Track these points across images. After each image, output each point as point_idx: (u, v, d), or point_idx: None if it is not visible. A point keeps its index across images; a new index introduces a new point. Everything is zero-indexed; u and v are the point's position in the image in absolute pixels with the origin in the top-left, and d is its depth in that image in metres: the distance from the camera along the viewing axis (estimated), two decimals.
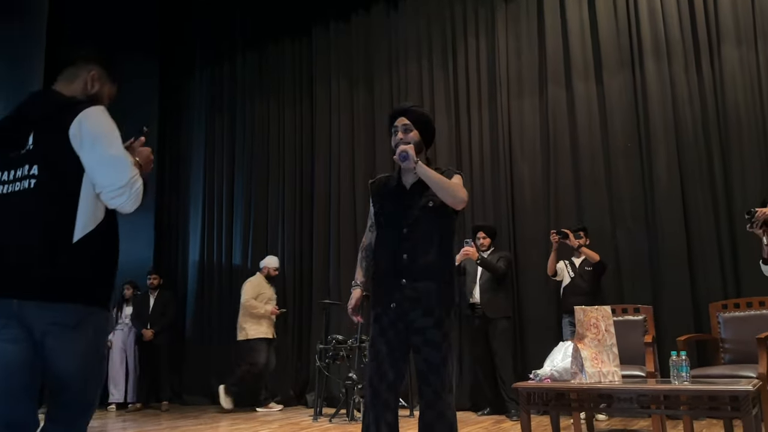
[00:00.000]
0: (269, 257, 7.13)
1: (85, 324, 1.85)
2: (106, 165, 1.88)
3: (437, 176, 2.52)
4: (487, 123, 6.47)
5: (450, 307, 2.59)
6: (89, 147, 1.88)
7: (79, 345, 1.85)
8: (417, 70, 6.95)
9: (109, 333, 2.13)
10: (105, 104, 2.08)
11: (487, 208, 6.34)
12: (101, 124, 1.93)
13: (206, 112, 8.59)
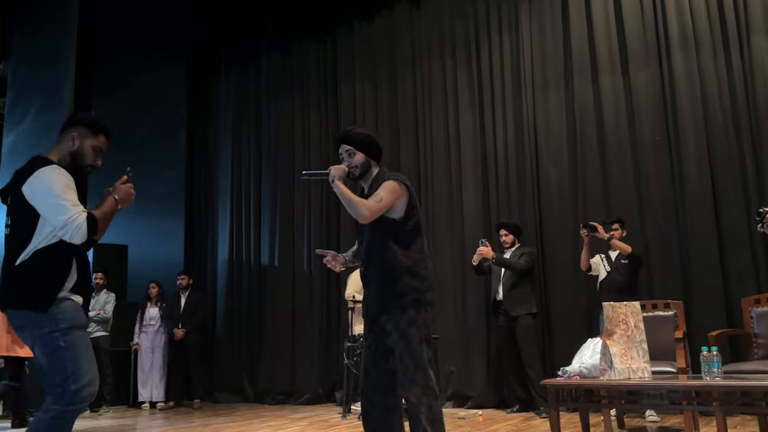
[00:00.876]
0: None
1: (30, 325, 2.47)
2: (48, 210, 2.49)
3: (345, 195, 2.77)
4: (512, 119, 6.43)
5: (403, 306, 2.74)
6: (37, 198, 2.51)
7: (31, 341, 2.50)
8: (440, 68, 6.94)
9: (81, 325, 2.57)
10: (89, 157, 2.74)
11: (513, 204, 6.31)
12: (46, 179, 2.52)
13: (233, 112, 8.69)
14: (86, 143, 2.75)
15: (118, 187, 2.71)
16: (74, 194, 2.53)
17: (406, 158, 7.06)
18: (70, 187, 2.54)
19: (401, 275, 2.78)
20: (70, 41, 7.33)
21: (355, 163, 2.93)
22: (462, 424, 5.04)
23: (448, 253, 6.51)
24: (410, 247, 2.83)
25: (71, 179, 2.59)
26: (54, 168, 2.56)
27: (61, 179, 2.54)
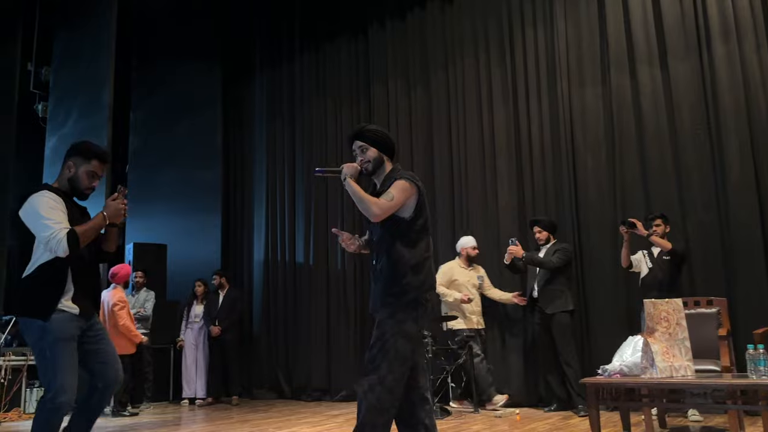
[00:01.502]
0: (464, 237, 6.36)
1: (27, 331, 2.92)
2: (35, 229, 2.90)
3: (357, 193, 2.82)
4: (548, 114, 6.34)
5: (393, 304, 2.78)
6: (27, 220, 2.93)
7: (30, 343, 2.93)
8: (474, 65, 6.89)
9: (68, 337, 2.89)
10: (84, 181, 3.09)
11: (549, 200, 6.23)
12: (33, 203, 2.93)
13: (266, 113, 8.79)
14: (81, 169, 3.09)
15: (107, 204, 3.03)
16: (58, 214, 2.91)
17: (440, 156, 7.04)
18: (54, 208, 2.92)
19: (405, 273, 2.81)
20: (109, 46, 7.50)
21: (368, 159, 2.97)
22: (498, 423, 5.00)
23: (483, 249, 6.47)
24: (416, 246, 2.87)
25: (59, 201, 2.96)
26: (41, 193, 2.95)
27: (46, 202, 2.92)
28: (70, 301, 2.91)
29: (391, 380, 2.68)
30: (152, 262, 7.86)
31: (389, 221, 2.87)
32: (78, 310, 2.93)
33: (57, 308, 2.87)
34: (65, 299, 2.90)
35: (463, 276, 6.18)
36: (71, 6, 8.42)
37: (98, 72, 7.64)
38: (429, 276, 2.87)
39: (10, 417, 6.33)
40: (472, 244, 6.27)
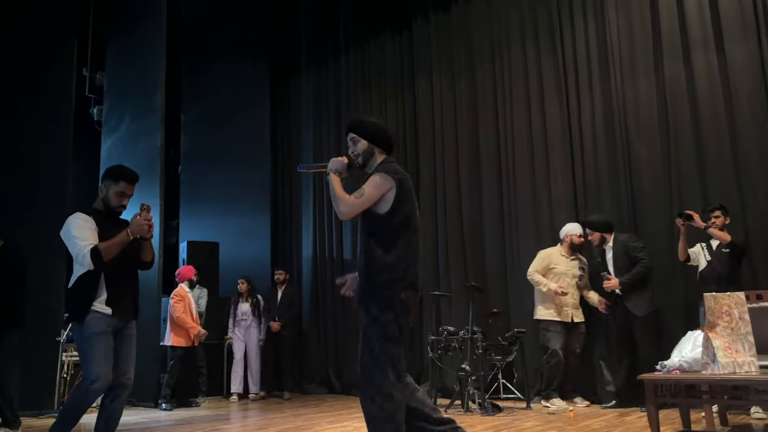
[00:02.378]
0: (569, 224, 6.00)
1: (76, 331, 3.37)
2: (68, 246, 3.37)
3: (333, 190, 2.84)
4: (600, 105, 6.18)
5: (367, 304, 2.78)
6: (64, 239, 3.39)
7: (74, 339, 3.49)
8: (522, 56, 6.77)
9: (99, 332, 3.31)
10: (114, 200, 3.48)
11: (603, 194, 6.07)
12: (67, 225, 3.39)
13: (313, 110, 8.87)
14: (111, 190, 3.49)
15: (132, 221, 3.38)
16: (86, 232, 3.33)
17: (486, 150, 6.96)
18: (83, 227, 3.35)
19: (379, 271, 2.76)
20: (159, 50, 7.68)
21: (358, 151, 2.96)
22: (552, 420, 4.93)
23: (533, 242, 6.37)
24: (395, 243, 2.77)
25: (88, 221, 3.38)
26: (74, 215, 3.42)
27: (77, 222, 3.37)
28: (104, 303, 3.34)
29: (387, 386, 2.67)
30: (205, 260, 8.03)
31: (366, 218, 2.82)
32: (111, 311, 3.36)
33: (91, 310, 3.31)
34: (98, 302, 3.34)
35: (564, 265, 5.87)
36: (123, 11, 8.66)
37: (150, 75, 7.83)
38: (408, 274, 2.77)
39: None
40: (577, 231, 5.88)
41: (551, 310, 5.81)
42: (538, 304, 5.93)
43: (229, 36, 9.22)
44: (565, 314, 5.80)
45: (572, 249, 5.90)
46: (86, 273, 3.34)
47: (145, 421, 5.80)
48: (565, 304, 5.80)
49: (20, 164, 6.41)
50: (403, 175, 2.86)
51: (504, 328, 6.21)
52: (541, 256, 5.95)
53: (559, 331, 5.76)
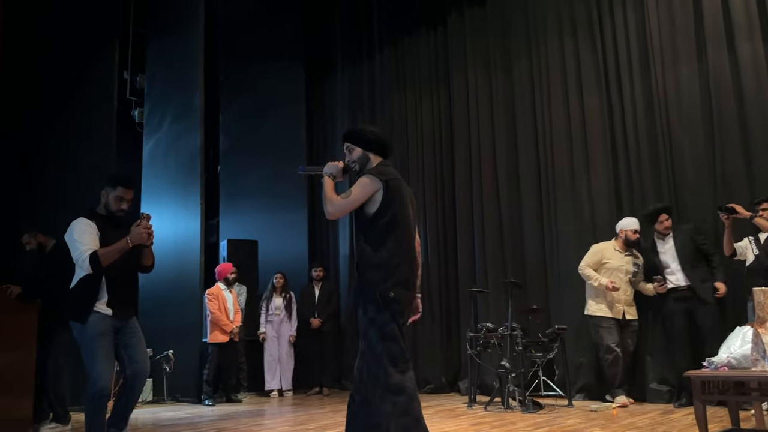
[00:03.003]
0: (626, 218, 5.80)
1: (74, 328, 3.51)
2: (70, 250, 3.51)
3: (324, 192, 2.92)
4: (641, 96, 6.03)
5: (362, 303, 2.85)
6: (67, 242, 3.54)
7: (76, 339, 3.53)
8: (559, 48, 6.67)
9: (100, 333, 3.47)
10: (114, 204, 3.63)
11: (646, 185, 5.93)
12: (70, 229, 3.56)
13: (348, 108, 8.90)
14: (110, 196, 3.65)
15: (131, 230, 3.52)
16: (87, 237, 3.49)
17: (524, 144, 6.88)
18: (85, 232, 3.51)
19: (367, 269, 2.84)
20: (198, 51, 7.81)
21: (354, 158, 3.06)
22: (595, 417, 4.86)
23: (574, 238, 6.29)
24: (383, 243, 2.84)
25: (90, 225, 3.54)
26: (78, 220, 3.58)
27: (80, 227, 3.53)
28: (104, 305, 3.51)
29: (393, 383, 2.73)
30: (244, 258, 8.14)
31: (357, 218, 2.93)
32: (111, 312, 3.52)
33: (93, 311, 3.47)
34: (100, 304, 3.50)
35: (617, 260, 5.68)
36: (161, 15, 8.83)
37: (189, 76, 7.96)
38: (395, 274, 2.82)
39: None
40: (633, 227, 5.67)
41: (602, 305, 5.65)
42: (589, 299, 5.78)
43: (265, 35, 9.31)
44: (617, 311, 5.64)
45: (627, 244, 5.72)
46: (87, 276, 3.50)
47: (189, 416, 5.92)
48: (617, 300, 5.64)
49: (67, 166, 6.59)
50: (392, 177, 2.93)
51: (544, 324, 6.13)
52: (593, 250, 5.79)
53: (610, 327, 5.59)
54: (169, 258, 7.94)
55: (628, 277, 5.68)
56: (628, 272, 5.68)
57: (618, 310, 5.63)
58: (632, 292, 5.72)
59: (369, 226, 2.88)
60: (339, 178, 3.04)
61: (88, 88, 7.01)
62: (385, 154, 3.08)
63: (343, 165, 3.05)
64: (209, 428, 4.97)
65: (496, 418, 4.94)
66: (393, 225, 2.86)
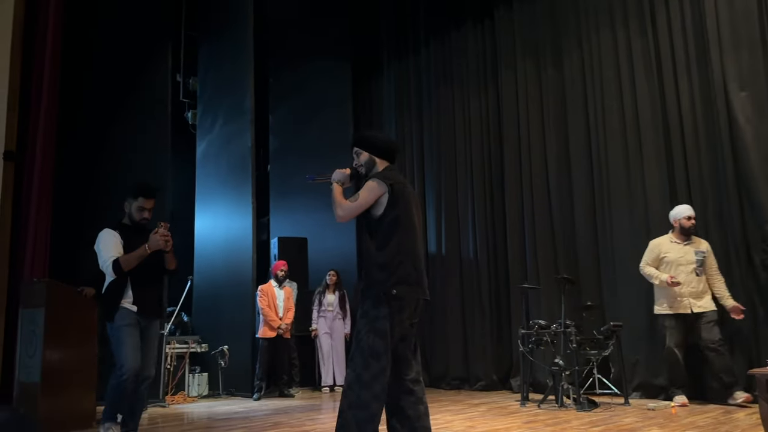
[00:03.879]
0: (678, 207, 5.53)
1: (108, 328, 3.88)
2: (98, 258, 3.89)
3: (334, 197, 3.03)
4: (698, 86, 5.83)
5: (361, 299, 2.95)
6: (97, 251, 3.92)
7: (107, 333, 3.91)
8: (611, 39, 6.50)
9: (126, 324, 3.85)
10: (136, 214, 4.03)
11: (704, 177, 5.73)
12: (99, 238, 3.93)
13: (395, 106, 8.92)
14: (132, 206, 4.02)
15: (150, 237, 3.85)
16: (111, 245, 3.86)
17: (575, 138, 6.75)
18: (110, 241, 3.88)
19: (371, 269, 2.95)
20: (248, 54, 7.95)
21: (361, 162, 3.17)
22: (653, 416, 4.74)
23: (627, 233, 6.14)
24: (387, 243, 2.94)
25: (114, 235, 3.91)
26: (104, 231, 3.95)
27: (105, 237, 3.91)
28: (130, 302, 3.87)
29: (367, 376, 2.80)
30: (294, 255, 8.25)
31: (364, 220, 3.03)
32: (136, 308, 3.87)
33: (120, 307, 3.84)
34: (126, 301, 3.86)
35: (675, 252, 5.39)
36: (212, 18, 9.03)
37: (239, 79, 8.12)
38: (398, 273, 2.90)
39: (176, 400, 6.93)
40: (685, 213, 5.39)
41: (664, 303, 5.43)
42: (655, 296, 5.55)
43: (312, 36, 9.41)
44: (683, 306, 5.34)
45: (683, 233, 5.42)
46: (113, 280, 3.88)
47: (243, 410, 6.04)
48: (680, 294, 5.34)
49: (125, 166, 6.81)
50: (397, 181, 3.04)
51: (599, 321, 6.02)
52: (650, 246, 5.58)
53: (673, 327, 5.35)
54: (223, 256, 8.13)
55: (693, 268, 5.36)
56: (690, 262, 5.36)
57: (684, 305, 5.34)
58: (701, 282, 5.38)
59: (374, 228, 2.99)
60: (347, 184, 3.15)
61: (143, 91, 7.23)
62: (391, 159, 3.20)
63: (350, 171, 3.17)
64: (263, 422, 5.07)
65: (550, 416, 4.87)
66: (396, 226, 2.97)
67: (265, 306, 7.28)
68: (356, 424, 2.77)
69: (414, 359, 3.02)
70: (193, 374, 7.44)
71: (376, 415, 2.80)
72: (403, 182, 3.08)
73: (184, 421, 5.42)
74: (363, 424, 2.76)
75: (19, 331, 5.14)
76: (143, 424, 5.13)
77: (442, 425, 4.62)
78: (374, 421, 2.79)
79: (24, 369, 4.98)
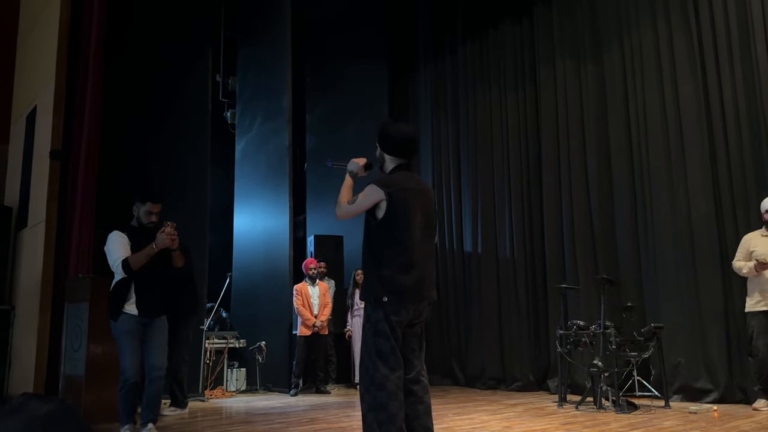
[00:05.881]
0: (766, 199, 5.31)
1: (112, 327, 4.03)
2: (108, 258, 4.05)
3: (341, 191, 3.07)
4: (742, 82, 5.67)
5: (367, 299, 2.98)
6: (106, 252, 4.08)
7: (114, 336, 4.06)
8: (653, 35, 6.37)
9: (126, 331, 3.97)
10: (145, 218, 4.13)
11: (748, 176, 5.57)
12: (108, 240, 4.07)
13: (431, 105, 8.90)
14: (141, 210, 4.14)
15: (157, 236, 3.97)
16: (121, 246, 4.01)
17: (616, 137, 6.63)
18: (119, 242, 4.03)
19: (371, 271, 2.99)
20: (286, 54, 8.04)
21: (377, 155, 3.19)
22: (695, 419, 4.63)
23: (670, 233, 6.01)
24: (388, 247, 2.95)
25: (123, 236, 4.06)
26: (113, 233, 4.09)
27: (114, 238, 4.05)
28: (133, 305, 3.97)
29: (379, 377, 2.84)
30: (331, 253, 8.31)
31: (366, 222, 3.04)
32: (137, 312, 3.97)
33: (121, 312, 3.95)
34: (128, 305, 3.97)
35: (764, 245, 5.16)
36: (251, 19, 9.15)
37: (277, 78, 8.21)
38: (391, 278, 2.89)
39: (215, 394, 7.05)
40: (765, 207, 5.21)
41: (753, 300, 5.18)
42: (748, 292, 5.28)
43: (349, 36, 9.46)
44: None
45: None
46: (121, 280, 4.00)
47: (281, 406, 6.12)
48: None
49: (169, 167, 6.94)
50: (398, 188, 2.98)
51: (639, 322, 5.90)
52: (741, 241, 5.33)
53: (755, 325, 5.12)
54: (261, 253, 8.24)
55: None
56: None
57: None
58: None
59: (374, 231, 3.01)
60: (361, 174, 3.16)
61: (184, 92, 7.36)
62: (404, 156, 3.12)
63: (365, 162, 3.17)
64: (300, 418, 5.12)
65: (588, 418, 4.81)
66: (396, 230, 2.95)
67: (299, 305, 7.35)
68: (378, 426, 2.79)
69: (416, 359, 3.01)
70: (231, 369, 7.56)
71: (396, 415, 2.81)
72: (406, 188, 2.99)
73: (223, 415, 5.51)
74: (385, 425, 2.78)
75: (65, 326, 5.29)
76: (184, 418, 5.24)
77: (478, 425, 4.61)
78: (395, 421, 2.80)
79: (69, 362, 5.13)
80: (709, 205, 5.78)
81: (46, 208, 6.07)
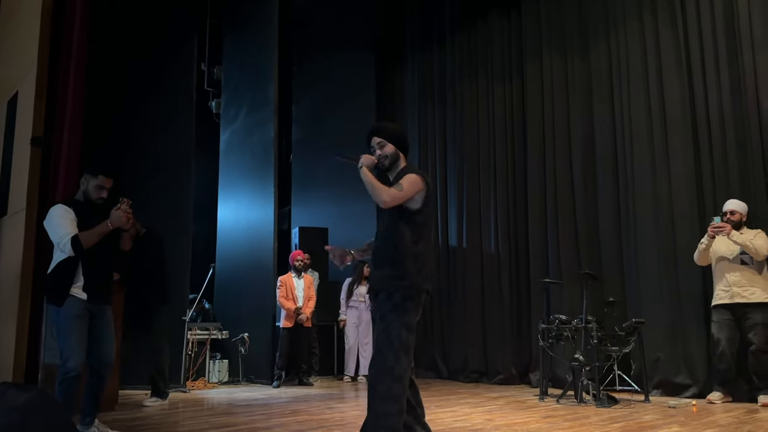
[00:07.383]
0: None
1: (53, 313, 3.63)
2: (51, 235, 3.65)
3: (369, 181, 3.02)
4: (728, 84, 5.68)
5: (390, 290, 2.94)
6: (47, 228, 3.70)
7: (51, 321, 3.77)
8: (639, 31, 6.40)
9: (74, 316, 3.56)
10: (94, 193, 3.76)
11: (732, 174, 5.60)
12: (49, 215, 3.68)
13: (418, 97, 8.89)
14: (90, 184, 3.76)
15: (111, 213, 3.64)
16: (67, 222, 3.61)
17: (601, 132, 6.67)
18: (64, 217, 3.63)
19: (405, 260, 2.96)
20: (272, 44, 7.97)
21: (386, 154, 3.15)
22: (674, 414, 4.68)
23: (652, 229, 6.06)
24: (420, 237, 3.02)
25: (69, 211, 3.66)
26: (56, 206, 3.70)
27: (59, 212, 3.65)
28: (80, 289, 3.61)
29: (398, 370, 2.84)
30: (316, 245, 8.29)
31: (398, 210, 3.02)
32: (86, 296, 3.62)
33: (69, 294, 3.57)
34: (75, 288, 3.61)
35: (725, 243, 5.33)
36: (237, 8, 9.06)
37: (263, 68, 8.14)
38: (425, 267, 2.99)
39: (196, 385, 7.02)
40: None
41: (715, 294, 5.35)
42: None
43: (337, 26, 9.41)
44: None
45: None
46: (65, 260, 3.62)
47: (263, 397, 6.10)
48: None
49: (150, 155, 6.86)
50: (429, 179, 3.12)
51: (621, 318, 5.96)
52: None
53: (716, 319, 5.31)
54: (245, 244, 8.20)
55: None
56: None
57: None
58: None
59: (410, 220, 3.02)
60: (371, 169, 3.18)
61: (168, 80, 7.26)
62: (407, 153, 3.25)
63: (375, 161, 3.17)
64: (283, 409, 5.11)
65: (569, 412, 4.85)
66: (428, 222, 3.08)
67: (281, 297, 7.33)
68: (386, 417, 2.79)
69: None
70: (213, 361, 7.53)
71: (404, 410, 2.86)
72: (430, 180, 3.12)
73: (205, 406, 5.48)
74: (394, 417, 2.80)
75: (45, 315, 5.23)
76: (165, 409, 5.21)
77: (460, 417, 4.62)
78: (403, 414, 2.85)
79: (49, 352, 5.06)
80: (692, 202, 5.83)
81: (26, 195, 5.98)
